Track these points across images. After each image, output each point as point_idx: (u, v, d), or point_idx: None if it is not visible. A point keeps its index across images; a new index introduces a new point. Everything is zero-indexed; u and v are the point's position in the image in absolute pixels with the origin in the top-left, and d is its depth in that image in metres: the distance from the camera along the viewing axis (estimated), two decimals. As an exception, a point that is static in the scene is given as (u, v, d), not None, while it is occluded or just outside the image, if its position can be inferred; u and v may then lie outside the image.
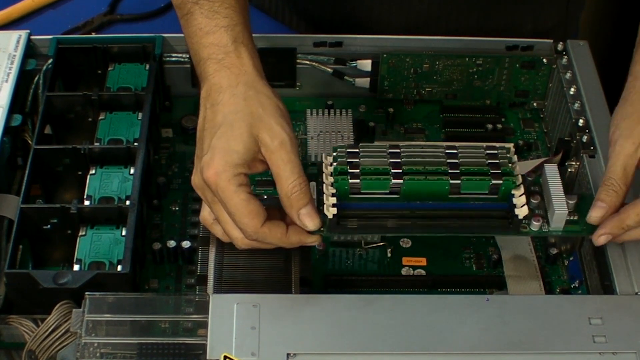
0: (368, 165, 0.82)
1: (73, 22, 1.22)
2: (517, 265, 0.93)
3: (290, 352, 0.77)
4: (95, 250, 0.87)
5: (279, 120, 0.80)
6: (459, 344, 0.79)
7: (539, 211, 0.84)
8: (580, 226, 0.84)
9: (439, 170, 0.82)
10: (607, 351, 0.79)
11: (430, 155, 0.83)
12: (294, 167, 0.79)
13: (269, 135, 0.79)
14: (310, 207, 0.80)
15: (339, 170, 0.82)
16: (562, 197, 0.84)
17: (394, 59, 1.05)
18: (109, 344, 0.78)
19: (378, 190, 0.82)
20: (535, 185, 0.86)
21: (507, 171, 0.82)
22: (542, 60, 1.05)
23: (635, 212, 0.82)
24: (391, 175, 0.81)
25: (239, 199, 0.79)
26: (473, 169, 0.82)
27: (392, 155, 0.83)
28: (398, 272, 0.94)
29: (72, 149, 0.92)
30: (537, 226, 0.84)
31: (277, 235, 0.81)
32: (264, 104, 0.81)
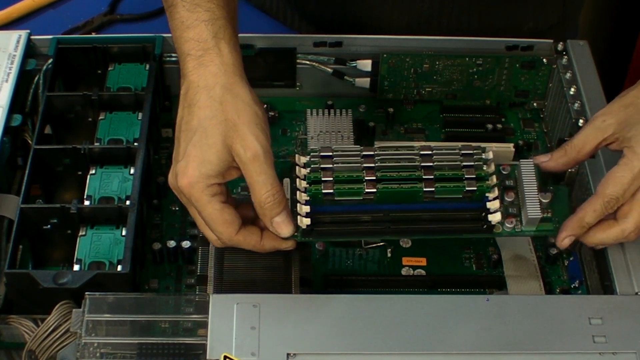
0: (341, 172, 0.82)
1: (73, 22, 1.22)
2: (517, 265, 0.93)
3: (290, 352, 0.77)
4: (95, 250, 0.87)
5: (254, 130, 0.79)
6: (459, 344, 0.79)
7: (513, 210, 0.84)
8: (553, 224, 0.84)
9: (412, 176, 0.82)
10: (607, 351, 0.79)
11: (404, 159, 0.82)
12: (266, 178, 0.78)
13: (242, 147, 0.78)
14: (283, 215, 0.80)
15: (312, 178, 0.82)
16: (535, 198, 0.84)
17: (394, 59, 1.05)
18: (109, 344, 0.78)
19: (352, 197, 0.82)
20: (510, 179, 0.85)
21: (482, 176, 0.82)
22: (542, 60, 1.05)
23: (591, 208, 0.83)
24: (364, 183, 0.81)
25: (213, 208, 0.79)
26: (447, 174, 0.82)
27: (365, 159, 0.82)
28: (398, 272, 0.94)
29: (72, 149, 0.92)
30: (510, 227, 0.84)
31: (251, 243, 0.82)
32: (240, 111, 0.80)
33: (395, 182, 0.82)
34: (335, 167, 0.82)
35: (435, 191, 0.82)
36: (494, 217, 0.83)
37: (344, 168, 0.82)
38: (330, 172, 0.81)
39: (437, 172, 0.82)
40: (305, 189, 0.82)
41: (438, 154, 0.83)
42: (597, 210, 0.83)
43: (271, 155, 0.79)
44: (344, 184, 0.81)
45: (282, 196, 0.80)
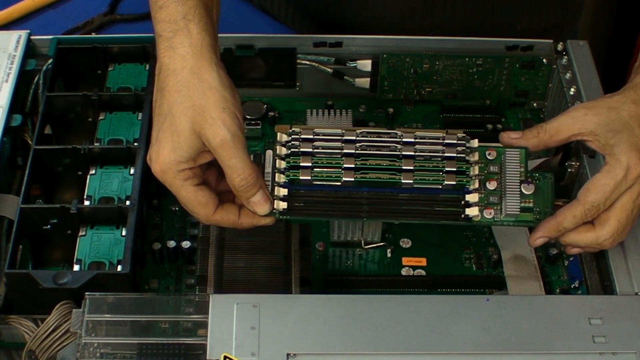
0: (321, 158, 0.82)
1: (73, 22, 1.22)
2: (517, 265, 0.93)
3: (290, 352, 0.77)
4: (95, 250, 0.87)
5: (221, 114, 0.78)
6: (459, 344, 0.79)
7: (494, 198, 0.83)
8: (534, 215, 0.84)
9: (392, 166, 0.82)
10: (607, 351, 0.79)
11: (385, 147, 0.82)
12: (237, 162, 0.78)
13: (210, 133, 0.78)
14: (259, 195, 0.80)
15: (291, 163, 0.81)
16: (516, 192, 0.83)
17: (394, 59, 1.05)
18: (109, 344, 0.78)
19: (330, 183, 0.82)
20: (495, 164, 0.84)
21: (462, 169, 0.82)
22: (542, 60, 1.05)
23: (571, 214, 0.83)
24: (343, 171, 0.81)
25: (186, 192, 0.80)
26: (427, 165, 0.82)
27: (346, 145, 0.82)
28: (398, 272, 0.94)
29: (72, 149, 0.92)
30: (489, 217, 0.83)
31: (229, 221, 0.82)
32: (207, 96, 0.79)
33: (374, 171, 0.82)
34: (315, 151, 0.82)
35: (414, 182, 0.82)
36: (471, 211, 0.83)
37: (323, 154, 0.82)
38: (310, 157, 0.81)
39: (417, 163, 0.82)
40: (283, 171, 0.82)
41: (421, 142, 0.82)
42: (577, 217, 0.83)
43: (241, 139, 0.78)
44: (323, 169, 0.81)
45: (254, 178, 0.79)
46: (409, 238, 0.96)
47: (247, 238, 0.89)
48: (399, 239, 0.96)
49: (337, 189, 0.82)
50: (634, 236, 0.89)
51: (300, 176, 0.81)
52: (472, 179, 0.83)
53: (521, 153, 0.84)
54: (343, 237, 0.95)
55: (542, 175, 0.85)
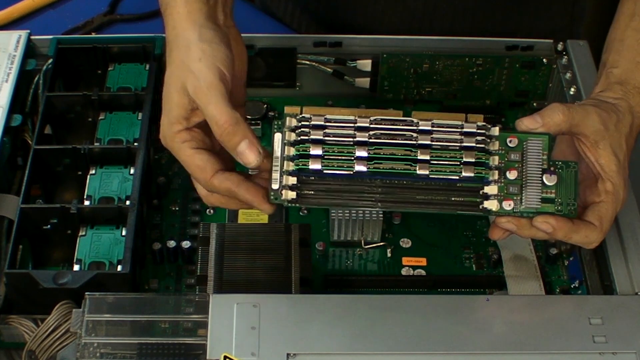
0: (332, 146, 0.78)
1: (73, 22, 1.22)
2: (517, 265, 0.93)
3: (290, 352, 0.77)
4: (95, 250, 0.87)
5: (197, 65, 0.78)
6: (459, 344, 0.79)
7: (514, 189, 0.79)
8: (555, 206, 0.80)
9: (407, 156, 0.78)
10: (607, 351, 0.79)
11: (400, 136, 0.78)
12: (214, 108, 0.77)
13: (188, 85, 0.78)
14: (244, 145, 0.77)
15: (301, 151, 0.78)
16: (538, 184, 0.79)
17: (394, 59, 1.05)
18: (109, 344, 0.78)
19: (341, 172, 0.78)
20: (516, 152, 0.80)
21: (482, 160, 0.78)
22: (542, 60, 1.06)
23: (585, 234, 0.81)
24: (355, 160, 0.78)
25: (185, 155, 0.79)
26: (445, 156, 0.78)
27: (359, 133, 0.78)
28: (398, 272, 0.94)
29: (72, 149, 0.92)
30: (509, 209, 0.79)
31: (225, 187, 0.79)
32: (186, 52, 0.79)
33: (388, 161, 0.78)
34: (325, 139, 0.78)
35: (430, 174, 0.78)
36: (489, 204, 0.79)
37: (334, 142, 0.78)
38: (320, 145, 0.78)
39: (434, 153, 0.78)
40: (292, 158, 0.78)
41: (438, 130, 0.79)
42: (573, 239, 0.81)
43: (217, 87, 0.77)
44: (334, 160, 0.78)
45: (232, 125, 0.77)
46: (409, 238, 0.96)
47: (247, 238, 0.89)
48: (399, 239, 0.96)
49: (349, 176, 0.79)
50: (634, 236, 0.89)
51: (310, 165, 0.78)
52: (491, 170, 0.79)
53: (544, 140, 0.80)
54: (343, 237, 0.95)
55: (565, 164, 0.80)
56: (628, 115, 0.83)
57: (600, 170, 0.81)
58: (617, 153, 0.81)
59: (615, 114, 0.82)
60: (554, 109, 0.80)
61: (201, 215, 0.97)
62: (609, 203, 0.81)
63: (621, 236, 0.89)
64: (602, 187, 0.81)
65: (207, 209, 0.97)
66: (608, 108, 0.82)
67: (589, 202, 0.82)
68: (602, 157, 0.81)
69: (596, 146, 0.81)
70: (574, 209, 0.80)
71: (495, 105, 1.09)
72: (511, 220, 0.80)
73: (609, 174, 0.81)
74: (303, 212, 0.98)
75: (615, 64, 0.86)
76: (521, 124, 0.80)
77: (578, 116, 0.80)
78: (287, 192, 0.78)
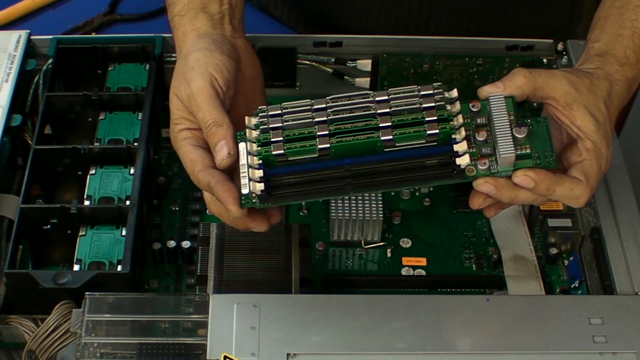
0: (292, 129, 0.77)
1: (73, 22, 1.22)
2: (517, 265, 0.93)
3: (290, 352, 0.77)
4: (95, 250, 0.87)
5: (189, 73, 0.82)
6: (459, 344, 0.79)
7: (486, 149, 0.76)
8: (533, 160, 0.77)
9: (369, 125, 0.76)
10: (607, 351, 0.79)
11: (358, 108, 0.76)
12: (203, 113, 0.80)
13: (182, 91, 0.82)
14: (220, 144, 0.79)
15: (262, 140, 0.77)
16: (508, 134, 0.76)
17: (394, 59, 1.05)
18: (109, 344, 0.78)
19: (306, 155, 0.76)
20: (481, 116, 0.77)
21: (444, 116, 0.76)
22: (542, 60, 1.06)
23: (569, 187, 0.78)
24: (317, 139, 0.76)
25: (183, 150, 0.82)
26: (406, 119, 0.75)
27: (317, 114, 0.77)
28: (398, 272, 0.94)
29: (72, 149, 0.92)
30: (484, 169, 0.76)
31: (206, 181, 0.80)
32: (184, 61, 0.84)
33: (350, 134, 0.76)
34: (285, 125, 0.77)
35: (395, 139, 0.75)
36: (462, 160, 0.76)
37: (294, 125, 0.77)
38: (280, 131, 0.77)
39: (395, 118, 0.75)
40: (256, 152, 0.77)
41: (395, 98, 0.76)
42: (557, 192, 0.78)
43: (209, 91, 0.81)
44: (296, 142, 0.76)
45: (216, 127, 0.80)
46: (409, 238, 0.96)
47: (247, 238, 0.89)
48: (399, 239, 0.96)
49: (316, 165, 0.77)
50: (634, 236, 0.89)
51: (273, 151, 0.76)
52: (456, 128, 0.76)
53: (508, 101, 0.77)
54: (343, 237, 0.95)
55: (535, 120, 0.78)
56: (604, 81, 0.82)
57: (578, 132, 0.79)
58: (594, 114, 0.80)
59: (588, 78, 0.81)
60: (516, 72, 0.79)
61: (201, 215, 0.97)
62: (592, 159, 0.79)
63: (621, 236, 0.89)
64: (582, 146, 0.79)
65: (207, 209, 0.97)
66: (579, 73, 0.81)
67: (572, 162, 0.80)
68: (577, 119, 0.79)
69: (569, 108, 0.79)
70: (553, 160, 0.77)
71: (495, 105, 1.08)
72: (489, 180, 0.77)
73: (587, 133, 0.79)
74: (303, 212, 0.98)
75: (597, 38, 0.86)
76: (482, 90, 0.79)
77: (541, 78, 0.79)
78: (254, 185, 0.77)
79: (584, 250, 0.94)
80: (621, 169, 0.95)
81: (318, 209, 0.98)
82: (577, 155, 0.80)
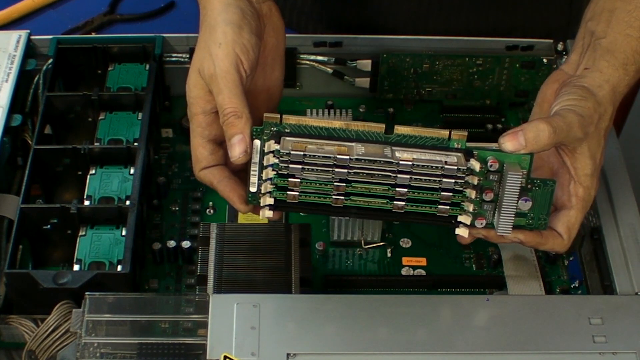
0: (310, 180, 0.77)
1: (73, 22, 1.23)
2: (517, 265, 0.93)
3: (290, 352, 0.77)
4: (95, 250, 0.87)
5: (215, 50, 0.79)
6: (459, 344, 0.79)
7: (488, 206, 0.79)
8: (527, 220, 0.80)
9: (385, 194, 0.77)
10: (607, 351, 0.79)
11: (379, 175, 0.77)
12: (222, 98, 0.78)
13: (206, 68, 0.80)
14: (236, 138, 0.78)
15: (278, 185, 0.77)
16: (512, 213, 0.78)
17: (394, 59, 1.05)
18: (109, 344, 0.78)
19: (317, 202, 0.78)
20: (495, 174, 0.79)
21: (457, 202, 0.78)
22: (542, 60, 1.06)
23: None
24: (331, 198, 0.78)
25: (193, 140, 0.82)
26: (422, 196, 0.77)
27: (337, 172, 0.76)
28: (398, 272, 0.94)
29: (72, 149, 0.92)
30: (481, 226, 0.80)
31: (208, 180, 0.81)
32: (210, 33, 0.81)
33: (365, 197, 0.78)
34: (304, 175, 0.77)
35: (406, 210, 0.78)
36: (461, 231, 0.79)
37: (313, 178, 0.77)
38: (298, 182, 0.77)
39: (411, 193, 0.77)
40: (271, 179, 0.77)
41: (417, 173, 0.77)
42: (541, 249, 0.84)
43: (231, 75, 0.79)
44: (311, 194, 0.78)
45: (236, 118, 0.78)
46: (409, 238, 0.96)
47: (247, 238, 0.89)
48: (399, 239, 0.96)
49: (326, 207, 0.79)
50: (633, 236, 0.89)
51: (288, 199, 0.78)
52: (465, 206, 0.78)
53: (525, 161, 0.78)
54: (343, 237, 0.95)
55: (543, 183, 0.79)
56: (609, 107, 0.82)
57: (574, 174, 0.81)
58: (594, 154, 0.81)
59: (597, 112, 0.81)
60: (540, 131, 0.78)
61: (201, 215, 0.97)
62: (579, 211, 0.82)
63: (621, 236, 0.89)
64: (573, 191, 0.82)
65: (207, 208, 0.98)
66: (590, 109, 0.81)
67: (559, 204, 0.82)
68: (578, 162, 0.81)
69: (574, 151, 0.81)
70: (544, 223, 0.81)
71: (495, 105, 1.09)
72: (481, 231, 0.81)
73: (582, 178, 0.81)
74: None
75: (603, 34, 0.85)
76: (504, 145, 0.78)
77: (562, 134, 0.79)
78: (264, 211, 0.79)
79: (584, 250, 0.94)
80: (621, 169, 0.95)
81: (318, 209, 0.98)
82: (566, 197, 0.82)
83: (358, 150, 0.77)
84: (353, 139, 0.79)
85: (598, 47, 0.85)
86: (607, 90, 0.82)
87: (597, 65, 0.84)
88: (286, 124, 0.79)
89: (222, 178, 0.81)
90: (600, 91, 0.82)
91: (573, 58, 0.87)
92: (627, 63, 0.84)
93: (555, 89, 0.85)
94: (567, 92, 0.82)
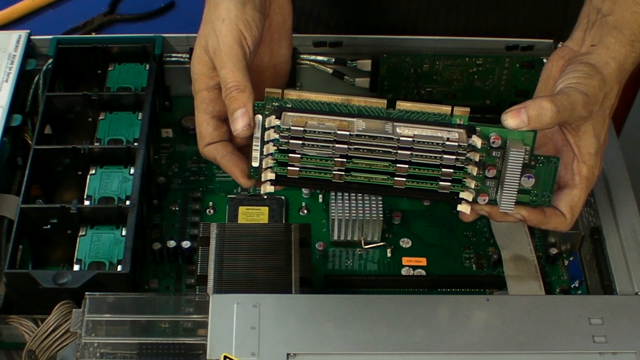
0: (311, 156, 0.77)
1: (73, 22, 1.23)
2: (517, 265, 0.93)
3: (290, 352, 0.77)
4: (95, 250, 0.87)
5: (219, 25, 0.80)
6: (459, 344, 0.79)
7: (490, 182, 0.79)
8: (530, 197, 0.80)
9: (386, 170, 0.77)
10: (607, 351, 0.79)
11: (380, 151, 0.77)
12: (226, 72, 0.79)
13: (210, 43, 0.80)
14: (239, 112, 0.78)
15: (279, 160, 0.78)
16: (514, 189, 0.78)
17: (394, 59, 1.05)
18: (109, 344, 0.78)
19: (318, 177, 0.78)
20: (498, 150, 0.78)
21: (458, 178, 0.78)
22: (542, 60, 1.05)
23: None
24: (332, 174, 0.78)
25: (197, 116, 0.82)
26: (423, 172, 0.77)
27: (338, 147, 0.76)
28: (398, 272, 0.94)
29: (72, 149, 0.92)
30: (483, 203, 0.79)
31: (212, 156, 0.82)
32: (214, 9, 0.81)
33: (366, 173, 0.77)
34: (304, 151, 0.77)
35: (407, 186, 0.78)
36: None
37: (314, 153, 0.77)
38: (299, 157, 0.77)
39: (412, 169, 0.77)
40: (272, 155, 0.78)
41: (417, 149, 0.76)
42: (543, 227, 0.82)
43: (236, 51, 0.79)
44: (311, 170, 0.78)
45: (239, 92, 0.78)
46: (409, 238, 0.96)
47: (247, 238, 0.89)
48: (399, 239, 0.96)
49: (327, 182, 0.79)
50: (633, 236, 0.89)
51: (288, 175, 0.78)
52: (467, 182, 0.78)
53: (529, 137, 0.78)
54: (343, 237, 0.95)
55: (547, 160, 0.79)
56: (615, 85, 0.82)
57: (578, 153, 0.81)
58: (598, 133, 0.81)
59: (602, 91, 0.80)
60: (543, 109, 0.77)
61: (201, 215, 0.97)
62: (582, 190, 0.81)
63: (621, 236, 0.89)
64: (577, 170, 0.81)
65: (207, 209, 0.98)
66: (595, 87, 0.80)
67: (562, 183, 0.81)
68: (582, 140, 0.80)
69: (577, 130, 0.80)
70: (548, 200, 0.80)
71: (495, 105, 1.09)
72: (484, 207, 0.80)
73: (585, 156, 0.80)
74: (303, 212, 0.98)
75: (610, 11, 0.85)
76: (506, 122, 0.77)
77: (566, 113, 0.78)
78: (265, 186, 0.79)
79: (584, 250, 0.94)
80: (621, 169, 0.95)
81: (318, 209, 0.98)
82: (570, 176, 0.81)
83: (359, 125, 0.77)
84: (355, 114, 0.79)
85: (605, 24, 0.84)
86: (613, 68, 0.82)
87: (604, 42, 0.83)
88: (288, 99, 0.79)
89: (226, 153, 0.81)
90: (606, 69, 0.82)
91: (577, 34, 0.87)
92: (635, 40, 0.83)
93: (560, 66, 0.84)
94: (573, 69, 0.82)
